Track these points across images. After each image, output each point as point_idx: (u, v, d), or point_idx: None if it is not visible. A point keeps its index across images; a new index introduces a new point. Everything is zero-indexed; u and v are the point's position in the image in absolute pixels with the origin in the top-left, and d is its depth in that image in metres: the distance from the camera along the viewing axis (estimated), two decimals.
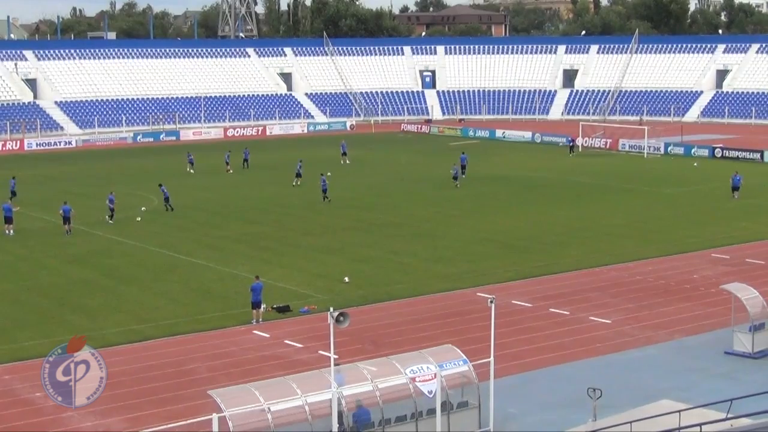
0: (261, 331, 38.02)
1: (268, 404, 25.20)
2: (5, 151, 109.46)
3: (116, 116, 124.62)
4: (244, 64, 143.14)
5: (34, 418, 29.33)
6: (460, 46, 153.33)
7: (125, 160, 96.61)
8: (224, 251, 52.53)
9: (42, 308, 41.69)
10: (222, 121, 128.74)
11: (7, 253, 52.93)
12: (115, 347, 36.22)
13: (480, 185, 75.56)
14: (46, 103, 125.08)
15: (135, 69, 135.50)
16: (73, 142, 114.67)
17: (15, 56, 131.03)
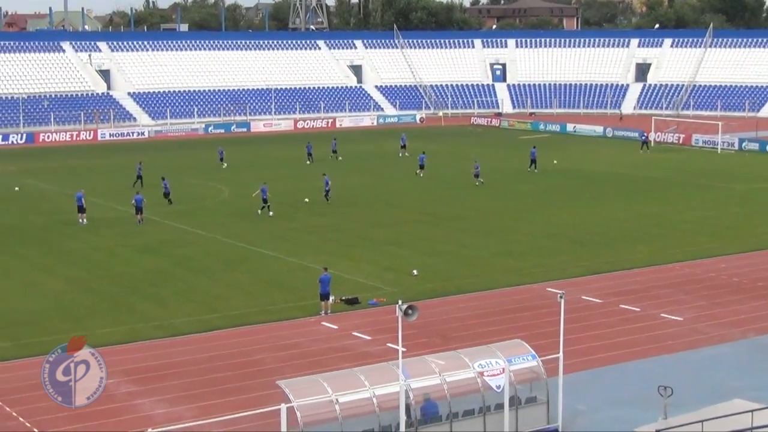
0: (329, 323, 38.12)
1: (336, 395, 25.24)
2: (79, 140, 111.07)
3: (188, 107, 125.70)
4: (314, 57, 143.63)
5: (106, 405, 29.63)
6: (532, 40, 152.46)
7: (196, 151, 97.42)
8: (293, 242, 52.77)
9: (114, 297, 42.20)
10: (292, 113, 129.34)
11: (81, 242, 53.67)
12: (185, 336, 36.59)
13: (550, 179, 75.11)
14: (120, 94, 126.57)
15: (207, 61, 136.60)
16: (145, 132, 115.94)
17: (89, 48, 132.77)
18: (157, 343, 35.91)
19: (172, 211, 61.46)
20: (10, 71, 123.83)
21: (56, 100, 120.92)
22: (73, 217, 58.25)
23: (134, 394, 30.59)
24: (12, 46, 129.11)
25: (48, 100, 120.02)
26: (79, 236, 55.11)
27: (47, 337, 36.21)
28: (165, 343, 35.91)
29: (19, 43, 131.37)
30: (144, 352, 34.78)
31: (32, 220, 59.79)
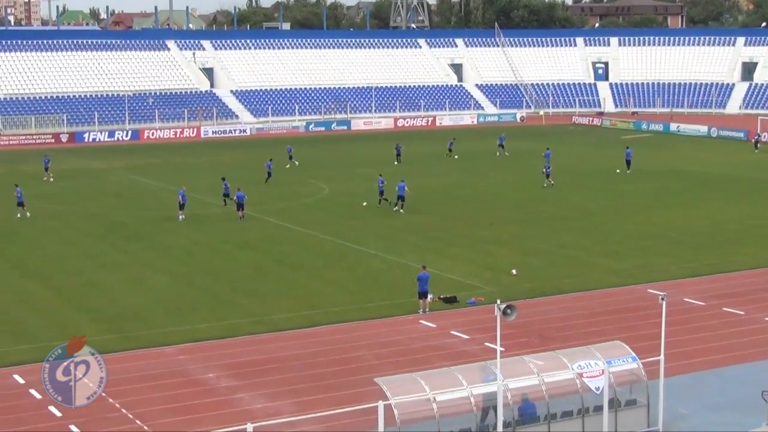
0: (427, 321, 38.13)
1: (433, 394, 25.25)
2: (183, 138, 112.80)
3: (289, 105, 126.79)
4: (415, 55, 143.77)
5: (207, 398, 30.10)
6: (635, 38, 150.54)
7: (297, 149, 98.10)
8: (392, 240, 52.89)
9: (215, 292, 42.77)
10: (392, 111, 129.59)
11: (184, 237, 54.49)
12: (285, 332, 36.92)
13: (652, 179, 74.11)
14: (222, 92, 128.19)
15: (308, 59, 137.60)
16: (247, 130, 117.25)
17: (193, 46, 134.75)
18: (257, 338, 36.30)
19: (272, 208, 62.07)
20: (116, 69, 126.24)
21: (161, 97, 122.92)
22: (174, 213, 59.11)
23: (234, 388, 30.97)
24: (118, 44, 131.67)
25: (153, 97, 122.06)
26: (181, 232, 55.96)
27: (150, 330, 36.91)
28: (265, 338, 36.30)
29: (125, 41, 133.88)
30: (244, 347, 35.19)
31: (137, 216, 60.88)
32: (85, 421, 28.12)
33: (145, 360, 33.73)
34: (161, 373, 32.29)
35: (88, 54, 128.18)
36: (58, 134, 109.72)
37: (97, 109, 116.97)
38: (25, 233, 55.66)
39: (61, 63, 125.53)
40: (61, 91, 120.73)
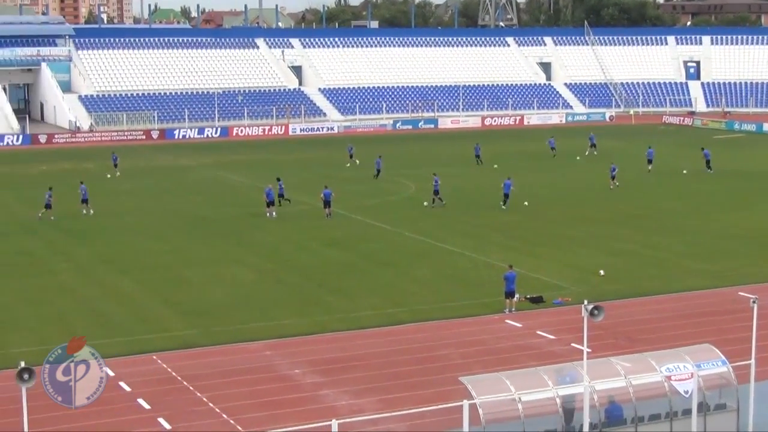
0: (513, 321, 37.92)
1: (518, 394, 25.07)
2: (271, 135, 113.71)
3: (377, 103, 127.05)
4: (503, 53, 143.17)
5: (291, 394, 30.26)
6: (728, 36, 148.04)
7: (384, 147, 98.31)
8: (478, 239, 52.71)
9: (302, 288, 43.00)
10: (480, 110, 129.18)
11: (270, 234, 54.90)
12: (370, 329, 36.97)
13: (741, 180, 72.84)
14: (311, 90, 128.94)
15: (396, 57, 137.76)
16: (335, 128, 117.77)
17: (282, 44, 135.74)
18: (342, 335, 36.41)
19: (359, 206, 62.25)
20: (206, 67, 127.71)
21: (250, 95, 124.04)
22: (262, 209, 59.55)
23: (319, 384, 31.10)
24: (208, 42, 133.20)
25: (242, 95, 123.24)
26: (268, 228, 56.38)
27: (236, 326, 37.24)
28: (350, 335, 36.39)
29: (215, 39, 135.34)
30: (329, 344, 35.32)
31: (224, 212, 61.48)
32: (172, 413, 28.47)
33: (231, 355, 34.03)
34: (247, 369, 32.56)
35: (179, 52, 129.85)
36: (149, 131, 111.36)
37: (188, 107, 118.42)
38: (116, 229, 56.56)
39: (153, 61, 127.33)
40: (152, 89, 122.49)
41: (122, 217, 59.88)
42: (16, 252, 50.69)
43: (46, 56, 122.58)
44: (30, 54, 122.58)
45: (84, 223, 58.00)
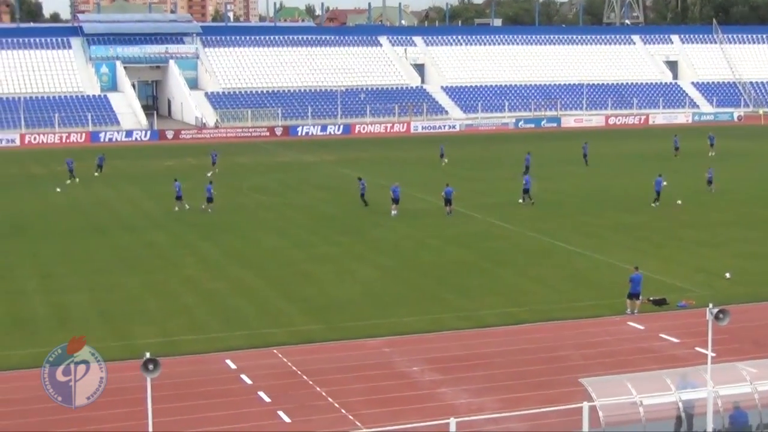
0: (636, 323, 37.34)
1: (640, 397, 24.69)
2: (393, 132, 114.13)
3: (499, 102, 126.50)
4: (628, 52, 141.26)
5: (410, 391, 30.30)
6: None
7: (507, 146, 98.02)
8: (600, 239, 52.08)
9: (421, 286, 43.03)
10: (603, 108, 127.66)
11: (392, 231, 55.09)
12: (490, 328, 36.82)
13: None
14: (433, 88, 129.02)
15: (519, 55, 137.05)
16: (456, 126, 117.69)
17: (405, 42, 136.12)
18: (462, 333, 36.33)
19: (479, 204, 62.08)
20: (330, 64, 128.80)
21: (372, 92, 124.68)
22: (387, 207, 59.77)
23: (438, 382, 31.08)
24: (332, 40, 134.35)
25: (364, 92, 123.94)
26: (390, 226, 56.58)
27: (357, 322, 37.44)
28: (470, 334, 36.29)
29: (338, 37, 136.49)
30: (449, 342, 35.27)
31: (347, 209, 61.88)
32: (292, 407, 28.77)
33: (351, 351, 34.24)
34: (366, 365, 32.71)
35: (303, 50, 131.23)
36: (272, 128, 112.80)
37: (311, 104, 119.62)
38: (240, 224, 57.41)
39: (277, 58, 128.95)
40: (276, 86, 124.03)
41: (246, 212, 60.70)
42: (143, 245, 51.85)
43: (174, 54, 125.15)
44: (158, 52, 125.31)
45: (208, 218, 59.00)
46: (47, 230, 55.81)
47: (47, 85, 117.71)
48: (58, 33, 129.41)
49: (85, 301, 40.66)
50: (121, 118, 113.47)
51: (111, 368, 31.79)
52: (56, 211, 62.21)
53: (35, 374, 31.62)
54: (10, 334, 36.07)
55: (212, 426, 27.62)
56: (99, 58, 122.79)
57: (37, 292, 42.10)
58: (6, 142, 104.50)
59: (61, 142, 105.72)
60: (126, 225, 57.33)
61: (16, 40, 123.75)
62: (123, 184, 73.35)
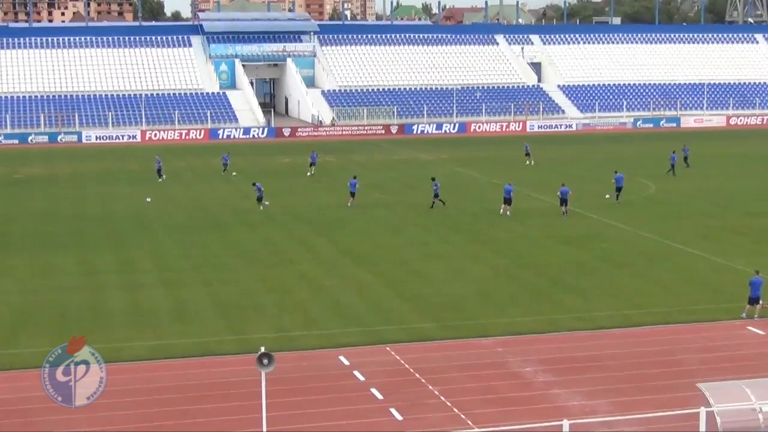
0: (756, 328, 36.48)
1: (759, 404, 24.15)
2: (508, 131, 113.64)
3: (617, 101, 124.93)
4: (751, 50, 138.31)
5: (523, 392, 30.09)
6: None
7: (624, 146, 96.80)
8: (720, 242, 51.05)
9: (536, 286, 42.71)
10: (725, 108, 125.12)
11: (507, 230, 54.82)
12: (606, 330, 36.37)
13: None
14: (549, 87, 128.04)
15: (638, 54, 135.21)
16: (573, 125, 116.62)
17: (522, 40, 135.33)
18: (576, 335, 35.97)
19: (595, 205, 61.38)
20: (446, 63, 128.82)
21: (488, 91, 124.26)
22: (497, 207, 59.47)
23: (551, 383, 30.82)
24: (449, 38, 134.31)
25: (480, 91, 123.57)
26: (504, 225, 56.30)
27: (470, 321, 37.35)
28: (585, 335, 35.91)
29: (455, 35, 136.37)
30: (563, 343, 34.95)
31: (461, 208, 61.76)
32: (404, 405, 28.82)
33: (464, 350, 34.16)
34: (479, 364, 32.60)
35: (420, 48, 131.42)
36: (388, 126, 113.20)
37: (426, 102, 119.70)
38: (355, 221, 57.74)
39: (394, 57, 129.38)
40: (392, 84, 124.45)
41: (361, 210, 60.99)
42: (260, 241, 52.50)
43: (292, 52, 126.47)
44: (276, 50, 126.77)
45: (324, 215, 59.46)
46: (167, 225, 56.91)
47: (168, 83, 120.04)
48: (179, 31, 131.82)
49: (202, 295, 41.34)
50: (239, 115, 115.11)
51: (226, 362, 32.55)
52: (176, 206, 63.38)
53: (154, 366, 32.41)
54: (129, 326, 36.86)
55: (325, 421, 27.82)
56: (218, 56, 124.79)
57: (157, 286, 42.96)
58: (127, 138, 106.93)
59: (181, 139, 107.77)
60: (243, 221, 58.12)
61: (138, 38, 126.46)
62: (240, 180, 74.34)
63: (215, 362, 32.83)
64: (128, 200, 65.30)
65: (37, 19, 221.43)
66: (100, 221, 58.06)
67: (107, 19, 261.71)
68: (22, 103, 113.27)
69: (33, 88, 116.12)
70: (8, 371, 32.05)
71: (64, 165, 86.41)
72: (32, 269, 46.08)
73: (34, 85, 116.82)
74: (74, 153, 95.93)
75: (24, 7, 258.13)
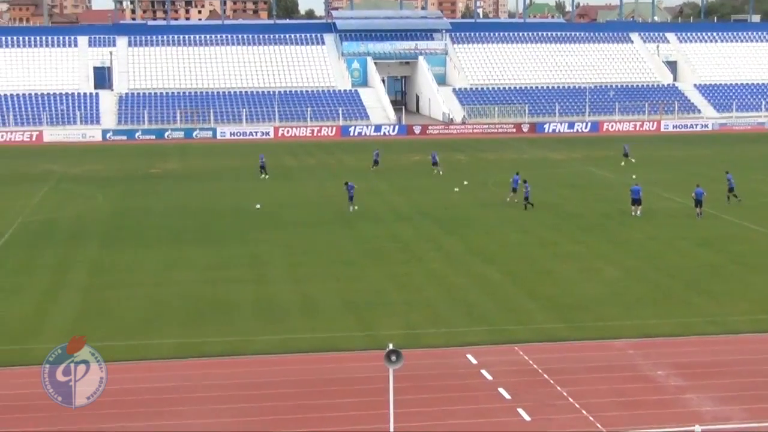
0: None
1: None
2: (642, 131, 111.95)
3: (755, 101, 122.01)
4: None
5: (653, 395, 29.47)
6: None
7: (762, 146, 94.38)
8: None
9: (667, 288, 41.86)
10: None
11: (639, 231, 53.90)
12: (741, 335, 35.44)
13: None
14: (685, 86, 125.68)
15: None
16: (709, 125, 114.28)
17: (657, 39, 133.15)
18: (709, 339, 35.13)
19: (731, 207, 59.94)
20: (578, 62, 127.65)
21: (622, 90, 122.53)
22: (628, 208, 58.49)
23: (683, 388, 30.14)
24: (582, 36, 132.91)
25: (613, 90, 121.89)
26: (636, 225, 55.38)
27: (600, 322, 36.82)
28: (718, 339, 35.05)
29: (588, 34, 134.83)
30: (696, 347, 34.17)
31: (592, 208, 61.01)
32: (532, 405, 28.53)
33: (593, 351, 33.68)
34: (609, 366, 32.10)
35: (552, 46, 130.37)
36: (519, 124, 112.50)
37: (558, 101, 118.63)
38: (484, 220, 57.50)
39: (526, 55, 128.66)
40: (524, 83, 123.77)
41: (490, 208, 60.66)
42: (389, 238, 52.65)
43: (424, 50, 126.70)
44: (408, 48, 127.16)
45: (452, 213, 59.35)
46: (298, 220, 57.47)
47: (301, 80, 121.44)
48: (313, 29, 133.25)
49: (331, 290, 41.61)
50: (371, 112, 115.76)
51: (353, 358, 32.70)
52: (307, 202, 64.02)
53: (282, 360, 32.75)
54: (258, 320, 37.33)
55: (451, 420, 27.72)
56: (351, 53, 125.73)
57: (286, 280, 43.42)
58: (260, 135, 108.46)
59: (313, 136, 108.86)
60: (372, 217, 58.37)
61: (272, 36, 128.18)
62: (370, 177, 74.74)
63: (342, 358, 33.02)
64: (258, 195, 66.17)
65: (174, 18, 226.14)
66: (230, 216, 58.97)
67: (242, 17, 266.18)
68: (159, 99, 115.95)
69: (170, 85, 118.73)
70: (141, 361, 32.74)
71: (199, 160, 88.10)
72: (165, 262, 47.07)
73: (171, 81, 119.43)
74: (209, 149, 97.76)
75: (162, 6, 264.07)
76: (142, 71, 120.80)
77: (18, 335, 35.49)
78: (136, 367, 32.23)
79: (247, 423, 27.61)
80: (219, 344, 34.30)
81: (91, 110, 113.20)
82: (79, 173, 79.33)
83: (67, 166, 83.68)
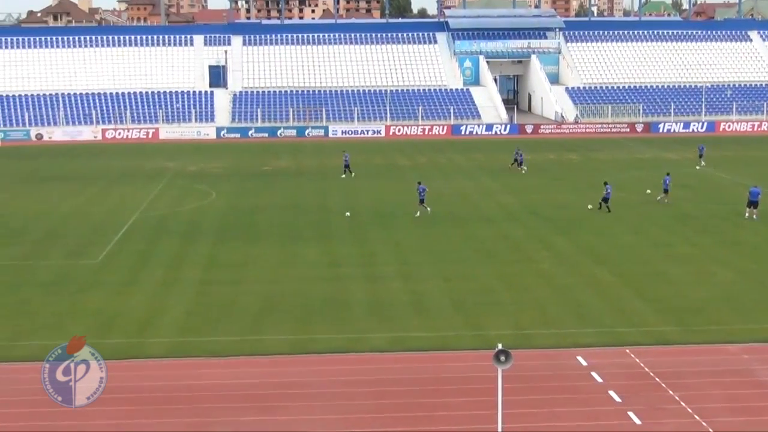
0: None
1: None
2: (760, 131, 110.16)
3: None
4: None
5: None
6: None
7: None
8: None
9: None
10: None
11: (756, 233, 52.83)
12: None
13: None
14: None
15: None
16: None
17: None
18: None
19: None
20: (695, 60, 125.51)
21: (739, 89, 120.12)
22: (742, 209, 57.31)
23: None
24: (699, 35, 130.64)
25: (731, 89, 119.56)
26: (753, 228, 54.26)
27: (714, 326, 36.18)
28: None
29: (705, 32, 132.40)
30: None
31: (708, 209, 59.96)
32: (643, 409, 28.17)
33: (706, 355, 33.12)
34: (723, 371, 31.53)
35: (668, 45, 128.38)
36: (633, 124, 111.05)
37: (674, 100, 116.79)
38: (596, 220, 56.92)
39: (641, 53, 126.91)
40: (638, 82, 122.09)
41: (604, 209, 59.96)
42: (499, 237, 52.46)
43: (536, 48, 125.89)
44: (521, 46, 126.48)
45: (564, 213, 58.87)
46: (409, 219, 57.56)
47: (412, 79, 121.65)
48: (425, 28, 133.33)
49: (441, 289, 41.62)
50: (482, 111, 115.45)
51: (462, 357, 32.67)
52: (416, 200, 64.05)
53: (393, 358, 32.89)
54: (368, 318, 37.53)
55: (560, 421, 27.53)
56: (463, 52, 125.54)
57: (396, 279, 43.56)
58: (372, 133, 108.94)
59: (424, 135, 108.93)
60: (483, 217, 58.22)
61: (385, 35, 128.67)
62: (482, 176, 74.54)
63: (452, 357, 33.03)
64: (369, 193, 66.49)
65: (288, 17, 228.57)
66: (341, 214, 59.28)
67: (355, 16, 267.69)
68: (272, 97, 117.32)
69: (283, 83, 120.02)
70: (252, 356, 33.17)
71: (311, 158, 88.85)
72: (278, 259, 47.60)
73: (284, 80, 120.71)
74: (320, 147, 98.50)
75: (276, 5, 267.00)
76: (255, 70, 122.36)
77: (133, 329, 36.21)
78: (248, 362, 32.66)
79: (355, 420, 27.78)
80: (331, 341, 34.60)
81: (205, 108, 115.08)
82: (194, 170, 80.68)
83: (182, 163, 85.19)
